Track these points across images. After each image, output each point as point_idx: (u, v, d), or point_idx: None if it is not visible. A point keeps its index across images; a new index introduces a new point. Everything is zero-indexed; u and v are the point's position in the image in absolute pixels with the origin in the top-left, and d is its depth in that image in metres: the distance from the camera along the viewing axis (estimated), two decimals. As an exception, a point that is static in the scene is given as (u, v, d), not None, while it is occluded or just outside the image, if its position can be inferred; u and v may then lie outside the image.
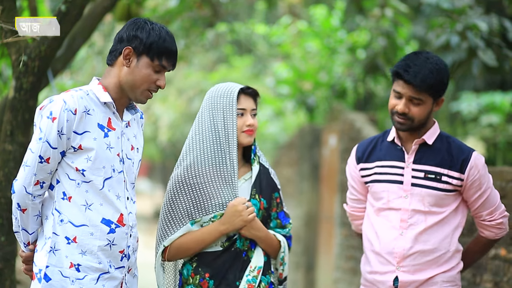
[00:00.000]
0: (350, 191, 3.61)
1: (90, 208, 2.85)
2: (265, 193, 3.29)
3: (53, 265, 2.82)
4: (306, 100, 9.83)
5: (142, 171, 31.59)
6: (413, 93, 3.33)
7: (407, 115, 3.35)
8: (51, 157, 2.81)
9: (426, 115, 3.38)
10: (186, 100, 14.96)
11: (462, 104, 8.58)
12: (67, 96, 2.84)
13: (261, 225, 3.23)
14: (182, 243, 3.21)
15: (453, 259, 3.40)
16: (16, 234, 2.92)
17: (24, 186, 2.81)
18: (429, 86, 3.31)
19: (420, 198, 3.37)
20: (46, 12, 6.17)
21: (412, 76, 3.31)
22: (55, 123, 2.80)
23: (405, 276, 3.36)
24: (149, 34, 2.90)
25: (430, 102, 3.36)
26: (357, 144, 3.62)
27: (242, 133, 3.26)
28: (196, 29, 8.76)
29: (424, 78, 3.30)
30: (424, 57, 3.35)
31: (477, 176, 3.36)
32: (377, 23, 8.40)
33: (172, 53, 2.94)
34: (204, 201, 3.21)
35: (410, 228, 3.37)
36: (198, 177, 3.22)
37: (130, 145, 2.99)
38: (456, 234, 3.40)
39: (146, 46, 2.89)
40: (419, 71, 3.31)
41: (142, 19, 2.96)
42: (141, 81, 2.91)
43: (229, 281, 3.19)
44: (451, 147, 3.40)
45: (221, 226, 3.17)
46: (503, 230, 3.45)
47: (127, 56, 2.90)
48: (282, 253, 3.27)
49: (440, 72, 3.33)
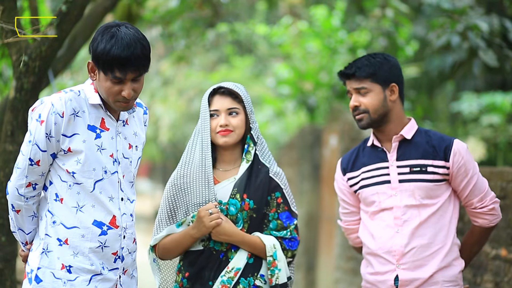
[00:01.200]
0: (342, 206, 3.63)
1: (82, 210, 2.83)
2: (255, 193, 3.24)
3: (45, 266, 2.82)
4: (307, 100, 9.83)
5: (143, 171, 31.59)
6: (356, 84, 3.40)
7: (359, 108, 3.41)
8: (41, 159, 2.80)
9: (380, 103, 3.40)
10: (186, 100, 14.97)
11: (463, 104, 8.58)
12: (55, 99, 2.80)
13: (233, 230, 3.18)
14: (165, 243, 3.26)
15: (451, 253, 3.39)
16: (14, 234, 2.92)
17: (16, 188, 2.81)
18: (368, 73, 3.38)
19: (410, 193, 3.38)
20: (46, 12, 6.18)
21: (348, 68, 3.42)
22: (43, 126, 2.78)
23: (405, 273, 3.36)
24: (97, 47, 2.73)
25: (378, 90, 3.40)
26: (341, 157, 3.64)
27: (216, 134, 3.25)
28: (197, 29, 8.76)
29: (360, 66, 3.39)
30: (367, 55, 3.47)
31: (462, 162, 3.38)
32: (378, 23, 8.41)
33: (123, 61, 2.71)
34: (186, 201, 3.24)
35: (405, 225, 3.38)
36: (185, 177, 3.25)
37: (127, 144, 2.96)
38: (452, 227, 3.40)
39: (95, 60, 2.77)
40: (355, 63, 3.43)
41: (110, 24, 2.80)
42: (106, 94, 2.81)
43: (204, 280, 3.19)
44: (432, 138, 3.43)
45: (192, 231, 3.20)
46: (496, 216, 3.45)
47: (92, 69, 2.81)
48: (270, 257, 3.20)
49: (377, 59, 3.41)
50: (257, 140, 3.31)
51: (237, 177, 3.25)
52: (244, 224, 3.23)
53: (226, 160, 3.30)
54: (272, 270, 3.21)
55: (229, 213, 3.22)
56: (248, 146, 3.29)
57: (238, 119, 3.26)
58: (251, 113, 3.29)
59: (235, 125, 3.25)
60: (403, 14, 8.35)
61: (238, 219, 3.22)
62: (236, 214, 3.22)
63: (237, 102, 3.27)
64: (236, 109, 3.26)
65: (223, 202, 3.23)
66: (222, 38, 10.39)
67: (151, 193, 28.43)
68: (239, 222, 3.22)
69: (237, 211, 3.22)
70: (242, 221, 3.22)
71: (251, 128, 3.29)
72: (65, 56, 5.61)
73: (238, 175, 3.25)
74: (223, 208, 3.22)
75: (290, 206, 3.29)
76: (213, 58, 14.65)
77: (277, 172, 3.33)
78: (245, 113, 3.28)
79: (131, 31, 2.75)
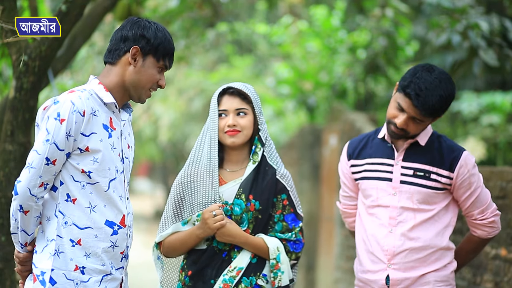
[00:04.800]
0: (342, 188, 3.62)
1: (94, 210, 2.84)
2: (261, 194, 3.24)
3: (58, 268, 2.80)
4: (307, 100, 9.82)
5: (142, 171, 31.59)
6: (418, 115, 3.32)
7: (405, 130, 3.36)
8: (58, 159, 2.79)
9: (422, 130, 3.40)
10: (186, 100, 14.96)
11: (462, 104, 8.57)
12: (75, 97, 2.81)
13: (237, 231, 3.19)
14: (170, 241, 3.27)
15: (445, 257, 3.39)
16: (13, 236, 2.87)
17: (29, 188, 2.77)
18: (436, 112, 3.32)
19: (408, 196, 3.37)
20: (46, 12, 6.17)
21: (421, 103, 3.28)
22: (63, 125, 2.77)
23: (396, 273, 3.36)
24: (156, 35, 2.92)
25: (430, 121, 3.38)
26: (349, 140, 3.61)
27: (224, 134, 3.25)
28: (197, 29, 8.76)
29: (433, 107, 3.29)
30: (435, 79, 3.29)
31: (466, 175, 3.36)
32: (378, 23, 8.40)
33: (173, 54, 2.99)
34: (192, 200, 3.25)
35: (399, 226, 3.37)
36: (192, 176, 3.26)
37: (127, 144, 2.99)
38: (447, 233, 3.40)
39: (153, 47, 2.91)
40: (429, 99, 3.27)
41: (144, 19, 2.96)
42: (146, 81, 2.93)
43: (206, 278, 3.20)
44: (442, 146, 3.41)
45: (197, 231, 3.21)
46: (496, 229, 3.45)
47: (134, 55, 2.90)
48: (273, 260, 3.21)
49: (448, 99, 3.31)
50: (265, 141, 3.31)
51: (243, 178, 3.25)
52: (249, 225, 3.23)
53: (233, 161, 3.30)
54: (275, 273, 3.21)
55: (233, 213, 3.22)
56: (256, 147, 3.30)
57: (246, 119, 3.27)
58: (260, 114, 3.30)
59: (243, 125, 3.26)
60: (403, 13, 8.35)
61: (243, 220, 3.22)
62: (241, 214, 3.22)
63: (246, 102, 3.28)
64: (244, 109, 3.27)
65: (228, 202, 3.23)
66: (222, 38, 10.38)
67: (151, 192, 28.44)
68: (244, 222, 3.23)
69: (242, 212, 3.22)
70: (247, 222, 3.23)
71: (260, 129, 3.30)
72: (65, 56, 5.61)
73: (244, 176, 3.26)
74: (228, 209, 3.23)
75: (295, 208, 3.30)
76: (213, 58, 14.64)
77: (284, 174, 3.32)
78: (253, 114, 3.29)
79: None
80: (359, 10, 9.69)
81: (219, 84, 11.13)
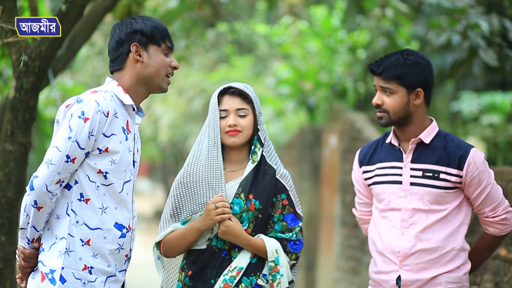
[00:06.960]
0: (357, 195, 3.62)
1: (106, 211, 2.85)
2: (261, 193, 3.24)
3: (67, 266, 2.80)
4: (307, 100, 9.83)
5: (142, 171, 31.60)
6: (381, 82, 3.37)
7: (381, 107, 3.39)
8: (77, 157, 2.79)
9: (401, 107, 3.37)
10: (186, 100, 14.97)
11: (462, 104, 8.58)
12: (99, 97, 2.83)
13: (240, 233, 3.19)
14: (170, 238, 3.26)
15: (458, 258, 3.38)
16: (21, 231, 2.86)
17: (46, 184, 2.77)
18: (395, 75, 3.34)
19: (419, 197, 3.37)
20: (46, 12, 6.18)
21: (377, 66, 3.37)
22: (87, 124, 2.79)
23: (408, 275, 3.36)
24: (145, 24, 2.95)
25: (403, 93, 3.36)
26: (360, 147, 3.63)
27: (225, 134, 3.26)
28: (197, 29, 8.76)
29: (388, 66, 3.34)
30: (400, 52, 3.39)
31: (476, 172, 3.35)
32: (378, 23, 8.41)
33: (169, 33, 3.01)
34: (191, 200, 3.25)
35: (411, 227, 3.37)
36: (191, 176, 3.26)
37: (137, 147, 3.00)
38: (461, 233, 3.38)
39: (149, 35, 2.93)
40: (384, 61, 3.37)
41: (127, 18, 3.00)
42: (159, 69, 2.94)
43: (206, 278, 3.20)
44: (449, 144, 3.40)
45: (197, 223, 3.20)
46: (508, 225, 3.41)
47: (136, 51, 2.92)
48: (272, 262, 3.20)
49: (408, 61, 3.35)
50: (264, 141, 3.32)
51: (242, 177, 3.26)
52: (249, 224, 3.23)
53: (233, 160, 3.30)
54: (273, 275, 3.20)
55: (232, 212, 3.22)
56: (255, 147, 3.30)
57: (246, 119, 3.27)
58: (259, 115, 3.30)
59: (244, 125, 3.26)
60: (403, 13, 8.35)
61: (243, 219, 3.23)
62: (240, 213, 3.22)
63: (246, 102, 3.28)
64: (245, 109, 3.27)
65: (228, 202, 3.23)
66: (222, 38, 10.39)
67: (151, 192, 28.45)
68: (245, 222, 3.23)
69: (241, 211, 3.22)
70: (248, 221, 3.23)
71: (259, 129, 3.30)
72: (65, 56, 5.61)
73: (243, 175, 3.26)
74: None
75: (295, 208, 3.30)
76: (213, 58, 14.64)
77: (284, 174, 3.33)
78: (253, 114, 3.29)
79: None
80: (359, 10, 9.69)
81: (219, 84, 11.12)
